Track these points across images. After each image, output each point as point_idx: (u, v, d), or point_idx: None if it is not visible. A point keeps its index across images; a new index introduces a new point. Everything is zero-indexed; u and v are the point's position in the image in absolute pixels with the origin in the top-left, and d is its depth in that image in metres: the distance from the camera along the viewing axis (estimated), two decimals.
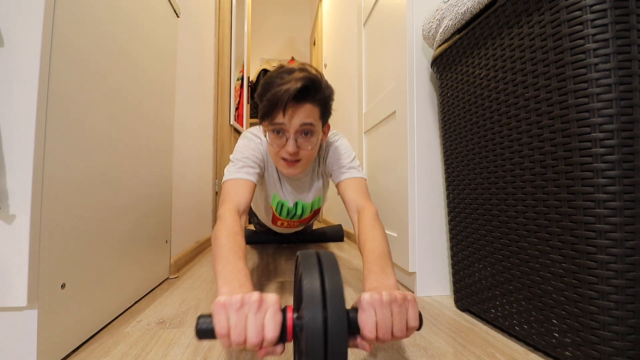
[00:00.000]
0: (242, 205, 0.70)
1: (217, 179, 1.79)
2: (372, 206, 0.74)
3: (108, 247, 0.65)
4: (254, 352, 0.55)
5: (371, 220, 0.68)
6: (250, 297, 0.39)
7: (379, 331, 0.39)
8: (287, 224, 1.11)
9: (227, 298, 0.40)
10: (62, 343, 0.52)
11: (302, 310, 0.37)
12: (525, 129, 0.53)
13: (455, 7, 0.66)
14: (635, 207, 0.41)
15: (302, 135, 0.73)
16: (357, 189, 0.79)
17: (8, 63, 0.45)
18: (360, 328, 0.39)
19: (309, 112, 0.70)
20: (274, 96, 0.66)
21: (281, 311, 0.40)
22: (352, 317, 0.40)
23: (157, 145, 0.90)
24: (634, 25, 0.41)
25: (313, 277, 0.38)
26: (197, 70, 1.42)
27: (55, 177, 0.50)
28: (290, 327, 0.39)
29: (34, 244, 0.45)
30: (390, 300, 0.41)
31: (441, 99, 0.80)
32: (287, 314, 0.40)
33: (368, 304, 0.40)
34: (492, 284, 0.63)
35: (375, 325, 0.39)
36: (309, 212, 1.04)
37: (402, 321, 0.41)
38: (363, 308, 0.40)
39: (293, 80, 0.65)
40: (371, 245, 0.61)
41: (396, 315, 0.41)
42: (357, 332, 0.40)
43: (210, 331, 0.39)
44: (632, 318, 0.41)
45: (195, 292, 0.88)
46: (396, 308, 0.41)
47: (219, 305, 0.39)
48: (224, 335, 0.38)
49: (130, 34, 0.73)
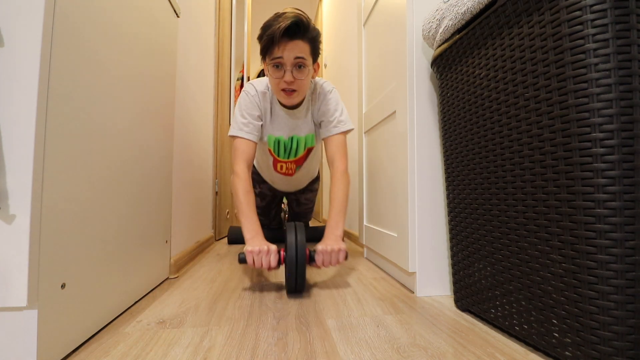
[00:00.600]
0: (249, 160, 0.99)
1: (217, 179, 1.79)
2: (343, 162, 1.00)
3: (108, 247, 0.65)
4: (253, 352, 0.55)
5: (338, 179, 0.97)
6: (263, 248, 0.82)
7: (324, 262, 0.86)
8: (286, 168, 1.23)
9: (252, 248, 0.82)
10: (62, 343, 0.52)
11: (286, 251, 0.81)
12: (525, 129, 0.53)
13: (455, 7, 0.66)
14: (635, 207, 0.41)
15: (297, 68, 0.91)
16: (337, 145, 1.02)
17: (8, 63, 0.45)
18: (315, 260, 0.86)
19: (300, 47, 0.89)
20: (271, 33, 0.85)
21: (278, 252, 0.84)
22: (312, 255, 0.86)
23: (157, 145, 0.90)
24: (634, 25, 0.41)
25: (291, 235, 0.83)
26: (197, 70, 1.42)
27: (55, 177, 0.50)
28: (283, 258, 0.84)
29: (34, 244, 0.45)
30: (331, 250, 0.85)
31: (441, 99, 0.80)
32: (281, 253, 0.85)
33: (319, 251, 0.86)
34: (492, 284, 0.63)
35: (322, 260, 0.86)
36: (303, 148, 1.16)
37: (335, 259, 0.86)
38: (317, 252, 0.86)
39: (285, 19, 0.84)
40: (334, 202, 0.96)
41: (333, 256, 0.86)
42: (314, 262, 0.86)
43: (245, 261, 0.84)
44: (632, 318, 0.41)
45: (195, 292, 0.88)
46: (334, 254, 0.86)
47: (248, 252, 0.82)
48: (252, 264, 0.82)
49: (130, 33, 0.73)
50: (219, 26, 1.86)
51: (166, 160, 0.98)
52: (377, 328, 0.64)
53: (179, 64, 1.15)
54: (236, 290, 0.89)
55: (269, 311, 0.74)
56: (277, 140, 1.11)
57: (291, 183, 1.36)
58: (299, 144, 1.14)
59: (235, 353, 0.55)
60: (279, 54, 0.88)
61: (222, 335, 0.62)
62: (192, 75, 1.35)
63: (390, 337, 0.61)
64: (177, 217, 1.14)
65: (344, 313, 0.72)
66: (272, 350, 0.55)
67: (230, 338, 0.60)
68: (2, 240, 0.44)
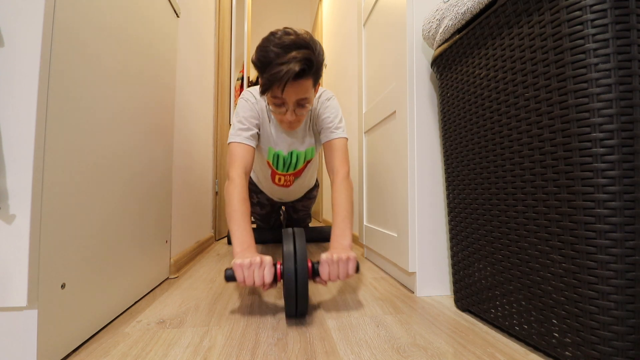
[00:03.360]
0: (247, 167, 0.89)
1: (217, 179, 1.79)
2: (345, 168, 0.91)
3: (108, 247, 0.65)
4: (253, 352, 0.55)
5: (340, 184, 0.87)
6: (255, 260, 0.66)
7: (330, 276, 0.69)
8: (284, 180, 1.19)
9: (241, 261, 0.66)
10: (62, 343, 0.52)
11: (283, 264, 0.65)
12: (525, 129, 0.53)
13: (455, 7, 0.66)
14: (635, 207, 0.41)
15: (300, 107, 0.85)
16: (337, 150, 0.95)
17: (8, 63, 0.45)
18: (320, 274, 0.70)
19: (305, 88, 0.80)
20: (274, 77, 0.74)
21: (274, 265, 0.69)
22: (315, 267, 0.70)
23: (157, 145, 0.90)
24: (634, 25, 0.41)
25: (289, 244, 0.67)
26: (197, 70, 1.42)
27: (55, 177, 0.50)
28: (279, 273, 0.69)
29: (34, 244, 0.45)
30: (338, 259, 0.69)
31: (441, 99, 0.80)
32: (277, 267, 0.69)
33: (324, 261, 0.69)
34: (492, 284, 0.63)
35: (328, 273, 0.69)
36: (302, 162, 1.13)
37: (344, 271, 0.70)
38: (321, 263, 0.70)
39: (292, 61, 0.73)
40: (337, 209, 0.83)
41: (341, 267, 0.69)
42: (318, 276, 0.70)
43: (233, 278, 0.68)
44: (632, 318, 0.41)
45: (195, 292, 0.88)
46: (342, 264, 0.69)
47: (237, 266, 0.66)
48: (242, 281, 0.66)
49: (130, 33, 0.73)
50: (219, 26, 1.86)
51: (166, 160, 0.98)
52: (377, 328, 0.64)
53: (178, 64, 1.15)
54: (236, 290, 0.89)
55: (269, 311, 0.74)
56: (277, 154, 1.08)
57: (289, 193, 1.34)
58: (298, 158, 1.11)
59: (235, 353, 0.55)
60: (280, 95, 0.80)
61: (222, 335, 0.61)
62: (192, 75, 1.35)
63: (390, 337, 0.61)
64: (177, 217, 1.14)
65: (344, 313, 0.72)
66: (272, 350, 0.55)
67: (230, 338, 0.60)
68: (2, 240, 0.44)
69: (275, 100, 0.83)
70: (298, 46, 0.74)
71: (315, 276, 0.70)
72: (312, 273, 0.70)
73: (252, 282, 0.66)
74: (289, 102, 0.82)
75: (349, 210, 0.82)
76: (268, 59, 0.75)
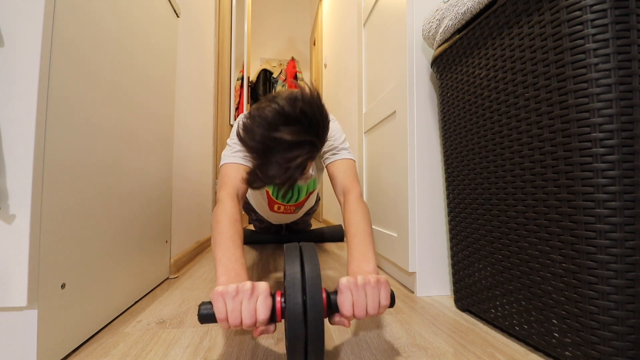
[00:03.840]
0: (240, 189, 0.71)
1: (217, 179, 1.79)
2: (357, 188, 0.74)
3: (108, 247, 0.65)
4: (253, 352, 0.55)
5: (354, 204, 0.69)
6: (244, 286, 0.45)
7: (355, 309, 0.46)
8: (284, 209, 1.12)
9: (224, 287, 0.45)
10: (62, 343, 0.52)
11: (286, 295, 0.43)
12: (525, 129, 0.53)
13: (455, 7, 0.66)
14: (635, 207, 0.41)
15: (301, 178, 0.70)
16: (345, 171, 0.79)
17: (8, 63, 0.45)
18: (339, 307, 0.46)
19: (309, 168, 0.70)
20: (273, 180, 0.59)
21: (271, 296, 0.46)
22: (332, 299, 0.47)
23: (157, 145, 0.90)
24: (634, 25, 0.41)
25: (294, 266, 0.45)
26: (197, 70, 1.42)
27: (56, 178, 0.50)
28: (279, 309, 0.46)
29: (34, 244, 0.45)
30: (365, 283, 0.47)
31: (441, 99, 0.80)
32: (277, 298, 0.46)
33: (345, 287, 0.46)
34: (492, 284, 0.63)
35: (352, 304, 0.46)
36: (304, 194, 1.06)
37: (375, 300, 0.47)
38: (341, 291, 0.46)
39: (298, 160, 0.57)
40: (354, 230, 0.64)
41: (370, 295, 0.47)
42: (336, 311, 0.47)
43: (211, 316, 0.45)
44: (632, 318, 0.41)
45: (195, 292, 0.88)
46: (370, 290, 0.47)
47: (217, 294, 0.44)
48: (223, 319, 0.44)
49: (130, 34, 0.73)
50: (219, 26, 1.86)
51: (166, 160, 0.98)
52: (377, 328, 0.64)
53: (178, 64, 1.15)
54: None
55: None
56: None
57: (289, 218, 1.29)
58: (300, 191, 1.06)
59: (235, 353, 0.55)
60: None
61: (222, 335, 0.61)
62: (192, 75, 1.35)
63: (390, 337, 0.61)
64: (177, 217, 1.14)
65: None
66: (272, 350, 0.55)
67: (230, 338, 0.60)
68: (2, 240, 0.44)
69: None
70: (300, 143, 0.57)
71: (333, 313, 0.48)
72: (328, 308, 0.47)
73: (238, 321, 0.44)
74: None
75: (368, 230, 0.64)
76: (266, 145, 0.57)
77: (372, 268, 0.55)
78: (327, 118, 0.62)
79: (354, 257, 0.58)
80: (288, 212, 1.16)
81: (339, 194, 0.77)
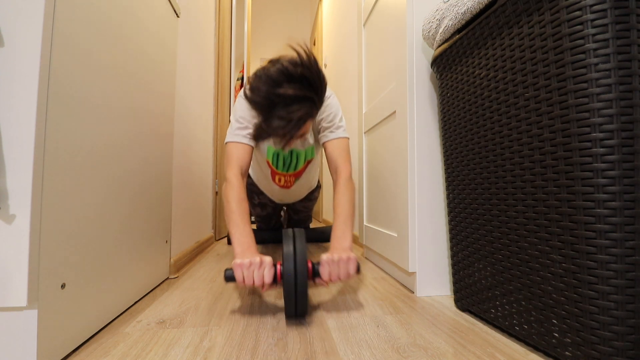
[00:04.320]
0: (244, 167, 0.85)
1: (217, 179, 1.79)
2: (348, 168, 0.87)
3: (108, 247, 0.65)
4: (253, 352, 0.55)
5: (342, 185, 0.84)
6: (255, 260, 0.66)
7: (330, 276, 0.69)
8: (284, 180, 1.18)
9: (241, 261, 0.66)
10: (62, 343, 0.52)
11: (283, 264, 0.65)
12: (525, 129, 0.53)
13: (455, 7, 0.66)
14: (635, 207, 0.41)
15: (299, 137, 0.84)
16: (339, 151, 0.90)
17: (8, 63, 0.45)
18: (320, 274, 0.70)
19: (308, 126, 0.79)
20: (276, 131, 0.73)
21: (274, 266, 0.69)
22: (316, 268, 0.70)
23: (157, 145, 0.90)
24: (634, 25, 0.41)
25: (289, 245, 0.68)
26: (197, 70, 1.42)
27: (55, 177, 0.50)
28: (279, 274, 0.69)
29: (34, 243, 0.45)
30: (338, 259, 0.69)
31: (441, 99, 0.80)
32: (277, 267, 0.69)
33: (324, 261, 0.69)
34: (492, 284, 0.63)
35: (329, 273, 0.69)
36: (302, 161, 1.11)
37: (345, 271, 0.70)
38: (322, 263, 0.70)
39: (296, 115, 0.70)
40: (339, 210, 0.81)
41: (342, 268, 0.69)
42: (318, 276, 0.70)
43: (233, 278, 0.68)
44: (632, 318, 0.41)
45: (195, 292, 0.88)
46: (342, 264, 0.69)
47: (236, 265, 0.66)
48: (241, 281, 0.66)
49: (130, 34, 0.73)
50: (219, 26, 1.86)
51: (166, 160, 0.98)
52: (377, 328, 0.64)
53: (178, 64, 1.15)
54: (236, 290, 0.89)
55: (269, 311, 0.74)
56: (277, 152, 1.06)
57: (290, 195, 1.33)
58: (298, 158, 1.10)
59: (235, 353, 0.55)
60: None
61: (222, 335, 0.61)
62: (192, 75, 1.35)
63: (390, 337, 0.61)
64: (177, 217, 1.14)
65: (343, 313, 0.72)
66: (272, 350, 0.55)
67: (230, 338, 0.60)
68: (2, 240, 0.44)
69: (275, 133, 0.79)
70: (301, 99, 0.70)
71: (316, 277, 0.70)
72: (313, 274, 0.70)
73: (251, 283, 0.66)
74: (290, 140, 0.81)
75: (350, 211, 0.80)
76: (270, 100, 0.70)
77: (348, 244, 0.75)
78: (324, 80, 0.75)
79: (336, 234, 0.78)
80: (288, 184, 1.21)
81: (332, 172, 0.90)
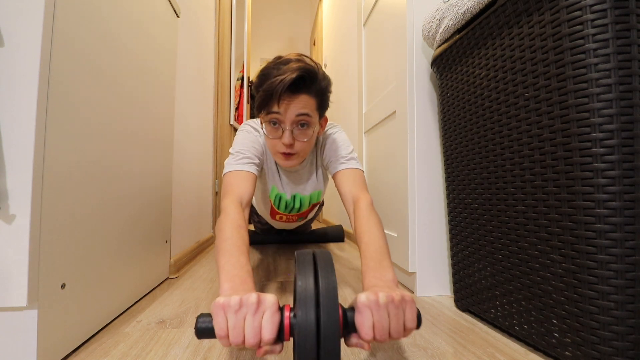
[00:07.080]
0: (245, 197, 0.69)
1: (217, 179, 1.79)
2: (367, 196, 0.72)
3: (108, 247, 0.65)
4: (253, 352, 0.55)
5: (366, 211, 0.66)
6: (249, 299, 0.39)
7: (375, 332, 0.39)
8: (286, 218, 1.10)
9: (226, 299, 0.40)
10: (62, 343, 0.52)
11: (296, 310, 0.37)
12: (525, 129, 0.53)
13: (455, 7, 0.66)
14: (635, 207, 0.41)
15: (298, 127, 0.73)
16: (353, 180, 0.77)
17: (8, 63, 0.45)
18: (357, 329, 0.39)
19: (304, 102, 0.70)
20: (270, 86, 0.67)
21: (279, 311, 0.40)
22: (349, 317, 0.40)
23: (157, 145, 0.90)
24: (634, 25, 0.41)
25: (307, 277, 0.39)
26: (197, 70, 1.42)
27: (56, 177, 0.50)
28: (288, 326, 0.39)
29: (34, 244, 0.45)
30: (387, 301, 0.40)
31: (441, 99, 0.80)
32: (285, 314, 0.40)
33: (364, 305, 0.40)
34: (492, 284, 0.63)
35: (372, 326, 0.39)
36: (307, 205, 1.03)
37: (399, 322, 0.41)
38: (359, 310, 0.40)
39: (289, 70, 0.66)
40: (367, 238, 0.60)
41: (393, 316, 0.40)
42: (354, 331, 0.40)
43: (210, 330, 0.40)
44: (632, 318, 0.41)
45: (195, 292, 0.88)
46: (393, 309, 0.40)
47: (218, 306, 0.39)
48: (223, 336, 0.39)
49: (130, 34, 0.73)
50: (219, 26, 1.86)
51: (166, 160, 0.98)
52: None
53: (178, 64, 1.15)
54: None
55: None
56: (280, 196, 0.98)
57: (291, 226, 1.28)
58: (302, 203, 1.01)
59: (236, 353, 0.54)
60: (276, 110, 0.70)
61: None
62: (192, 75, 1.35)
63: None
64: (177, 217, 1.14)
65: None
66: None
67: None
68: (2, 240, 0.44)
69: (270, 117, 0.72)
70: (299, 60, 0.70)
71: (350, 333, 0.41)
72: (344, 327, 0.40)
73: (240, 340, 0.39)
74: (285, 119, 0.71)
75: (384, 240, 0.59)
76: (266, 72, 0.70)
77: (392, 277, 0.51)
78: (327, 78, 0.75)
79: (370, 266, 0.54)
80: (290, 220, 1.15)
81: (348, 203, 0.74)
